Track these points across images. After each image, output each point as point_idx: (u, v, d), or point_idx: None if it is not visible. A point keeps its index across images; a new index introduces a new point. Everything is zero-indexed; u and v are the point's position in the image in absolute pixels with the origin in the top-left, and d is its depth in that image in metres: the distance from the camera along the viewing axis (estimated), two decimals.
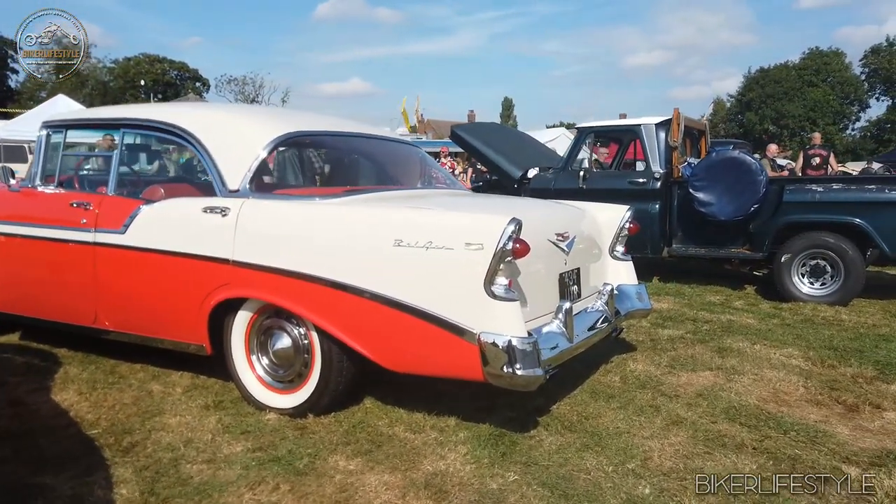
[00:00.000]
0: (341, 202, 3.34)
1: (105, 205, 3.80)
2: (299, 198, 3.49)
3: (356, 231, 3.03)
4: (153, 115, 3.83)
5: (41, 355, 4.36)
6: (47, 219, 3.98)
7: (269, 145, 3.50)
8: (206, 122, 3.67)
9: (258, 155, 3.46)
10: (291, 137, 3.63)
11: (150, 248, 3.54)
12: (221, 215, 3.33)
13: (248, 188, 3.40)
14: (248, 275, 3.23)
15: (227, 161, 3.48)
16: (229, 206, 3.34)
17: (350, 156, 4.32)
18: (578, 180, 7.51)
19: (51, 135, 4.24)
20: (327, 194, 3.53)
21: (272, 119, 3.84)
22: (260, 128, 3.65)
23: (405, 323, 2.85)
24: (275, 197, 3.46)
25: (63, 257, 3.90)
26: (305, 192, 3.74)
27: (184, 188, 4.15)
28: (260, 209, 3.32)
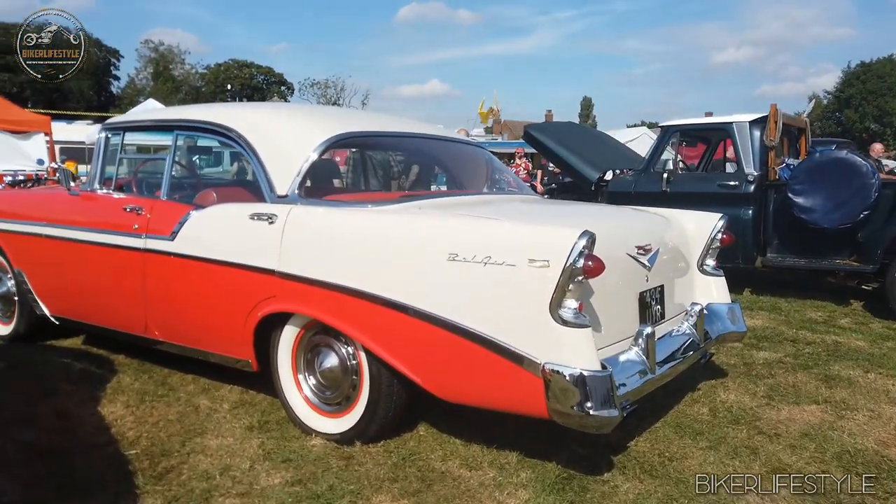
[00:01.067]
0: (394, 210, 3.04)
1: (156, 210, 3.66)
2: (350, 204, 3.22)
3: (407, 242, 2.72)
4: (204, 116, 3.65)
5: (99, 361, 4.28)
6: (102, 223, 3.88)
7: (320, 147, 3.24)
8: (254, 123, 3.46)
9: (308, 157, 3.21)
10: (344, 138, 3.36)
11: (196, 256, 3.35)
12: (268, 223, 3.10)
13: (296, 193, 3.15)
14: (293, 288, 2.98)
15: (276, 164, 3.25)
16: (276, 213, 3.10)
17: (408, 158, 4.02)
18: (662, 183, 6.96)
19: (109, 137, 4.15)
20: (380, 200, 3.24)
21: (324, 119, 3.59)
22: (310, 128, 3.40)
23: (459, 348, 2.51)
24: (324, 203, 3.20)
25: (116, 264, 3.79)
26: (357, 197, 3.47)
27: (237, 192, 3.96)
28: (308, 216, 3.06)
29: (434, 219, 2.86)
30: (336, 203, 3.25)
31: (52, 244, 4.13)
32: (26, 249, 4.35)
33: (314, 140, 3.25)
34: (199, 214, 3.44)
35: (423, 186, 3.91)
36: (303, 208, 3.09)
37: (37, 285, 4.34)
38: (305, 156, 3.21)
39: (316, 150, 3.23)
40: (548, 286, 2.32)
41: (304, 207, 3.10)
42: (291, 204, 3.12)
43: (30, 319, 4.51)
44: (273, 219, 3.09)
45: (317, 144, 3.23)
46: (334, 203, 3.24)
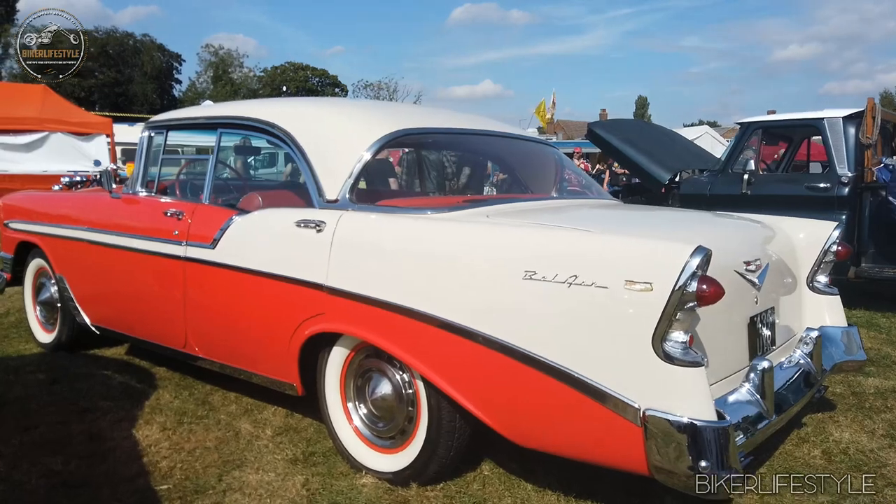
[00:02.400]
0: (457, 217, 2.65)
1: (198, 215, 3.37)
2: (407, 210, 2.84)
3: (474, 257, 2.32)
4: (247, 112, 3.33)
5: (140, 375, 4.04)
6: (141, 228, 3.62)
7: (374, 145, 2.88)
8: (302, 119, 3.12)
9: (360, 157, 2.85)
10: (400, 136, 2.98)
11: (237, 266, 3.03)
12: (316, 230, 2.75)
13: (347, 198, 2.80)
14: (343, 305, 2.63)
15: (325, 165, 2.90)
16: (325, 220, 2.75)
17: (470, 158, 3.61)
18: (742, 185, 6.38)
19: (152, 136, 3.90)
20: (441, 206, 2.86)
21: (378, 114, 3.23)
22: (363, 125, 3.04)
23: (536, 383, 2.10)
24: (378, 209, 2.83)
25: (155, 272, 3.52)
26: (415, 202, 3.09)
27: (285, 196, 3.65)
28: (360, 224, 2.71)
29: (506, 227, 2.45)
30: (391, 209, 2.88)
31: (91, 249, 3.90)
32: (67, 254, 4.15)
33: (368, 137, 2.89)
34: (242, 220, 3.12)
35: (490, 190, 3.50)
36: (354, 215, 2.74)
37: (77, 292, 4.12)
38: (358, 155, 2.85)
39: (370, 149, 2.87)
40: (650, 314, 1.89)
41: (356, 214, 2.74)
42: (342, 210, 2.77)
43: (72, 327, 4.30)
44: (321, 226, 2.75)
45: (371, 142, 2.87)
46: (389, 209, 2.87)
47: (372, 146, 2.87)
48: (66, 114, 15.78)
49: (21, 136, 14.90)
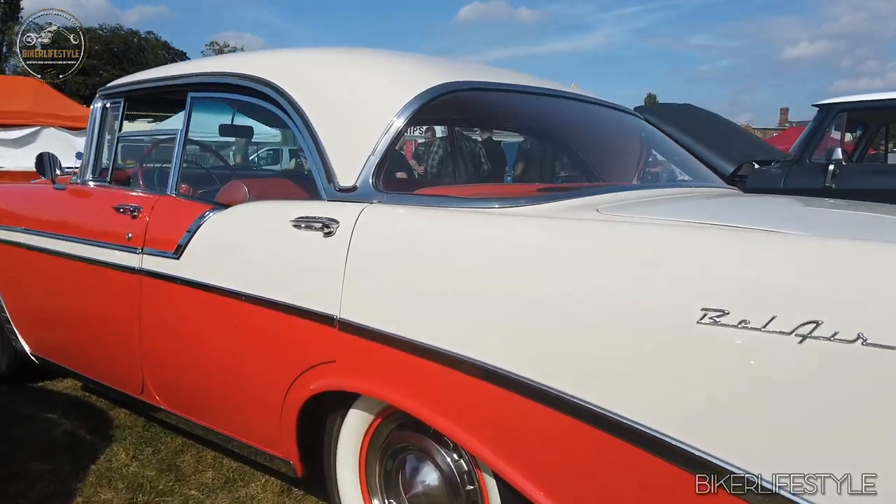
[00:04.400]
0: (549, 211, 1.67)
1: (159, 211, 2.42)
2: (461, 202, 1.83)
3: (599, 283, 1.36)
4: (232, 67, 2.36)
5: (93, 421, 3.09)
6: (88, 230, 2.68)
7: (409, 107, 1.90)
8: (306, 73, 2.16)
9: (389, 124, 1.88)
10: (449, 91, 1.99)
11: (209, 284, 2.09)
12: (324, 232, 1.80)
13: (371, 184, 1.83)
14: (364, 350, 1.67)
15: (338, 135, 1.95)
16: (337, 217, 1.80)
17: (541, 129, 2.59)
18: (825, 177, 5.39)
19: (106, 108, 2.95)
20: (512, 196, 1.88)
21: (416, 65, 2.23)
22: (394, 78, 2.06)
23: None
24: (417, 200, 1.86)
25: (103, 290, 2.58)
26: (472, 191, 2.09)
27: (281, 186, 2.71)
28: (391, 223, 1.75)
29: (653, 232, 1.44)
30: (436, 199, 1.88)
31: (27, 256, 2.96)
32: (0, 263, 3.21)
33: (401, 96, 1.92)
34: (218, 219, 2.17)
35: (568, 172, 2.48)
36: (382, 209, 1.78)
37: (13, 311, 3.19)
38: (386, 122, 1.88)
39: (403, 113, 1.89)
40: None
41: (385, 208, 1.78)
42: (362, 202, 1.81)
43: (12, 355, 3.36)
44: (331, 227, 1.79)
45: (404, 102, 1.90)
46: (434, 200, 1.87)
47: (405, 108, 1.90)
48: (60, 108, 15.04)
49: (12, 131, 14.33)
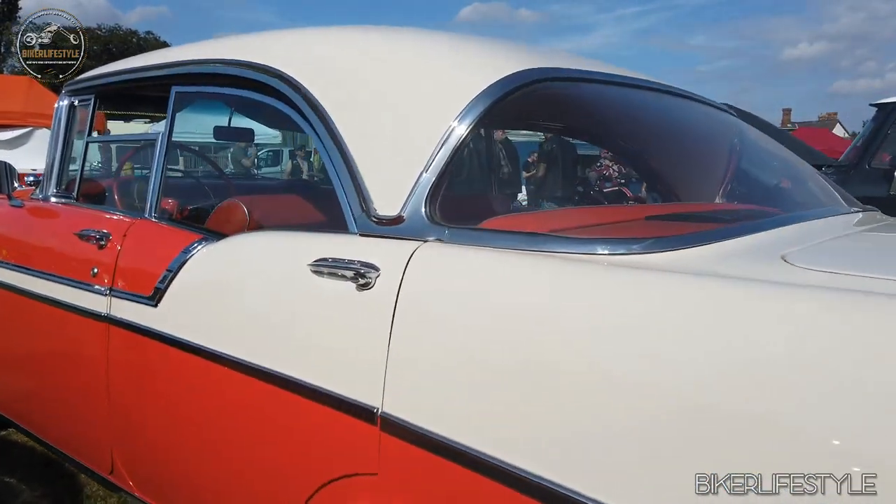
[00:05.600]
0: (706, 261, 1.09)
1: (133, 239, 1.86)
2: (562, 243, 1.20)
3: None
4: (230, 53, 1.80)
5: (60, 488, 2.54)
6: (46, 260, 2.13)
7: (480, 105, 1.33)
8: (327, 60, 1.58)
9: (450, 131, 1.32)
10: (531, 82, 1.40)
11: (195, 345, 1.53)
12: (356, 284, 1.25)
13: (424, 214, 1.27)
14: (422, 462, 1.12)
15: (375, 148, 1.39)
16: (375, 263, 1.24)
17: (643, 135, 1.96)
18: (891, 185, 4.85)
19: (74, 107, 2.40)
20: (634, 235, 1.29)
21: (482, 48, 1.63)
22: (457, 65, 1.49)
23: None
24: (492, 239, 1.26)
25: (63, 337, 2.03)
26: (566, 222, 1.46)
27: (292, 206, 2.15)
28: (459, 275, 1.19)
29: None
30: (523, 240, 1.24)
31: None
32: None
33: (466, 90, 1.35)
34: (209, 254, 1.62)
35: (682, 191, 1.87)
36: (444, 253, 1.22)
37: None
38: (444, 128, 1.32)
39: (470, 113, 1.33)
40: None
41: (448, 252, 1.23)
42: (413, 240, 1.26)
43: None
44: (368, 276, 1.24)
45: (473, 97, 1.33)
46: (518, 239, 1.24)
47: (472, 107, 1.34)
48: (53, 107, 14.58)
49: (4, 132, 13.91)
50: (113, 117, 17.39)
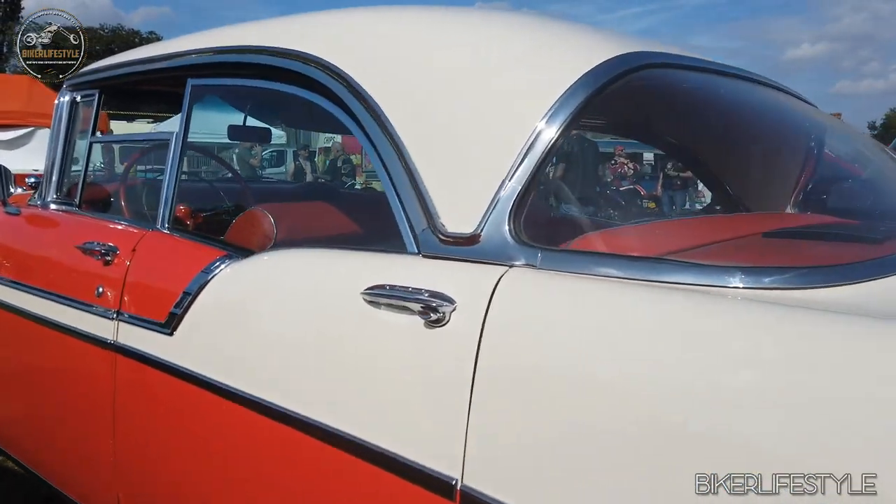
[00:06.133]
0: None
1: (143, 254, 1.62)
2: (691, 271, 0.94)
3: None
4: (249, 38, 1.55)
5: None
6: (44, 275, 1.89)
7: (574, 100, 1.07)
8: (380, 46, 1.32)
9: (536, 133, 1.06)
10: (635, 68, 1.15)
11: (219, 384, 1.28)
12: (424, 319, 1.00)
13: (507, 232, 1.02)
14: None
15: (441, 152, 1.14)
16: (449, 294, 1.00)
17: (758, 131, 1.64)
18: None
19: (76, 102, 2.15)
20: (780, 265, 1.03)
21: (571, 32, 1.34)
22: (541, 51, 1.22)
23: None
24: (600, 263, 0.99)
25: (64, 364, 1.79)
26: (679, 240, 1.17)
27: (324, 213, 1.90)
28: (560, 310, 0.94)
29: None
30: (636, 266, 0.98)
31: None
32: None
33: (558, 79, 1.11)
34: (233, 276, 1.38)
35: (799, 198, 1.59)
36: (537, 282, 0.98)
37: None
38: (530, 127, 1.07)
39: (562, 111, 1.07)
40: None
41: (544, 280, 0.98)
42: (495, 264, 1.01)
43: None
44: (441, 309, 0.99)
45: (565, 90, 1.08)
46: (630, 265, 0.98)
47: (564, 103, 1.08)
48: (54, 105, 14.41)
49: (5, 132, 13.74)
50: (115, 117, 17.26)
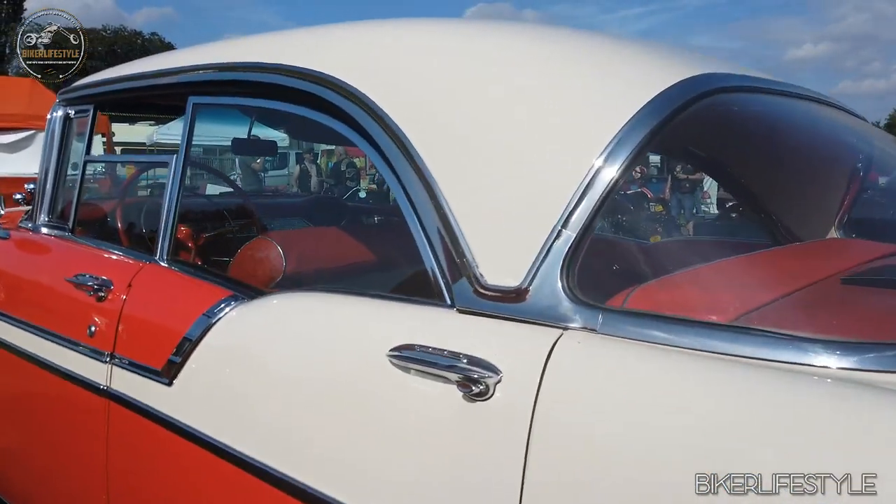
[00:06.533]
0: None
1: (139, 290, 1.47)
2: (783, 349, 0.77)
3: None
4: (255, 55, 1.39)
5: None
6: (33, 307, 1.74)
7: (639, 132, 0.91)
8: (416, 72, 1.15)
9: (594, 171, 0.90)
10: (707, 93, 0.99)
11: (226, 448, 1.13)
12: (464, 391, 0.85)
13: (563, 288, 0.87)
14: None
15: (483, 190, 0.99)
16: (494, 362, 0.85)
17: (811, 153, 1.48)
18: None
19: (70, 118, 2.00)
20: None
21: (628, 51, 1.15)
22: (598, 73, 1.05)
23: None
24: (675, 329, 0.81)
25: (53, 408, 1.64)
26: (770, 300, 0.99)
27: (337, 242, 1.75)
28: (632, 389, 0.79)
29: None
30: (717, 336, 0.81)
31: None
32: None
33: (620, 107, 0.95)
34: (240, 318, 1.22)
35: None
36: (606, 350, 0.82)
37: None
38: (586, 165, 0.91)
39: (624, 145, 0.90)
40: None
41: (611, 348, 0.83)
42: (549, 325, 0.86)
43: None
44: (483, 382, 0.84)
45: (627, 121, 0.92)
46: (709, 335, 0.81)
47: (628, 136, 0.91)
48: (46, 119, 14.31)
49: (6, 135, 13.62)
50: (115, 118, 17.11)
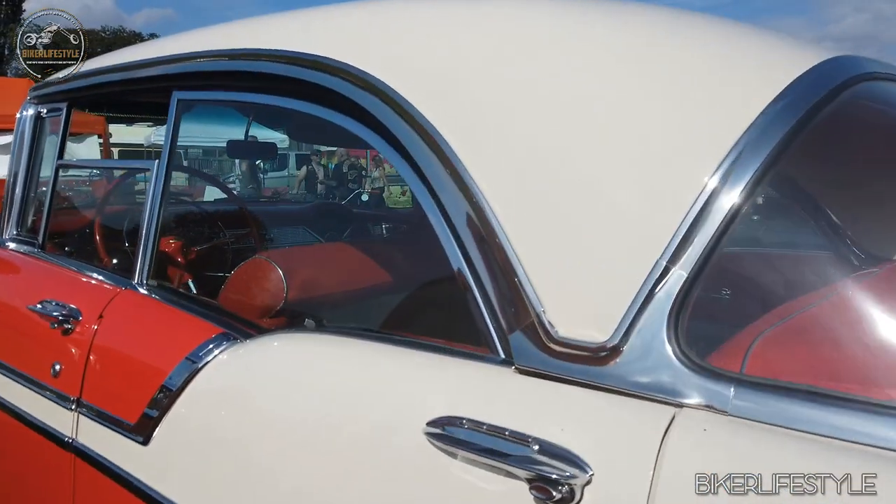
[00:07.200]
0: None
1: (111, 323, 1.22)
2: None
3: None
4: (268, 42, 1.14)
5: None
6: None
7: (774, 129, 0.68)
8: (444, 55, 0.90)
9: (707, 191, 0.67)
10: (850, 79, 0.76)
11: None
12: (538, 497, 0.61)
13: (672, 350, 0.63)
14: None
15: (543, 203, 0.75)
16: (579, 453, 0.60)
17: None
18: None
19: (42, 117, 1.77)
20: None
21: (739, 34, 0.90)
22: (713, 59, 0.81)
23: None
24: (822, 408, 0.63)
25: (16, 453, 1.40)
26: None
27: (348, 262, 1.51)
28: None
29: None
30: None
31: None
32: None
33: (750, 101, 0.72)
34: (232, 365, 0.98)
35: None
36: (743, 441, 0.58)
37: None
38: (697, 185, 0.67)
39: (749, 161, 0.66)
40: None
41: (751, 439, 0.58)
42: (657, 400, 0.62)
43: None
44: (566, 482, 0.59)
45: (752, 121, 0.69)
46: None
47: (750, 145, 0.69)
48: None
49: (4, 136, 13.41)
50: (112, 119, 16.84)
